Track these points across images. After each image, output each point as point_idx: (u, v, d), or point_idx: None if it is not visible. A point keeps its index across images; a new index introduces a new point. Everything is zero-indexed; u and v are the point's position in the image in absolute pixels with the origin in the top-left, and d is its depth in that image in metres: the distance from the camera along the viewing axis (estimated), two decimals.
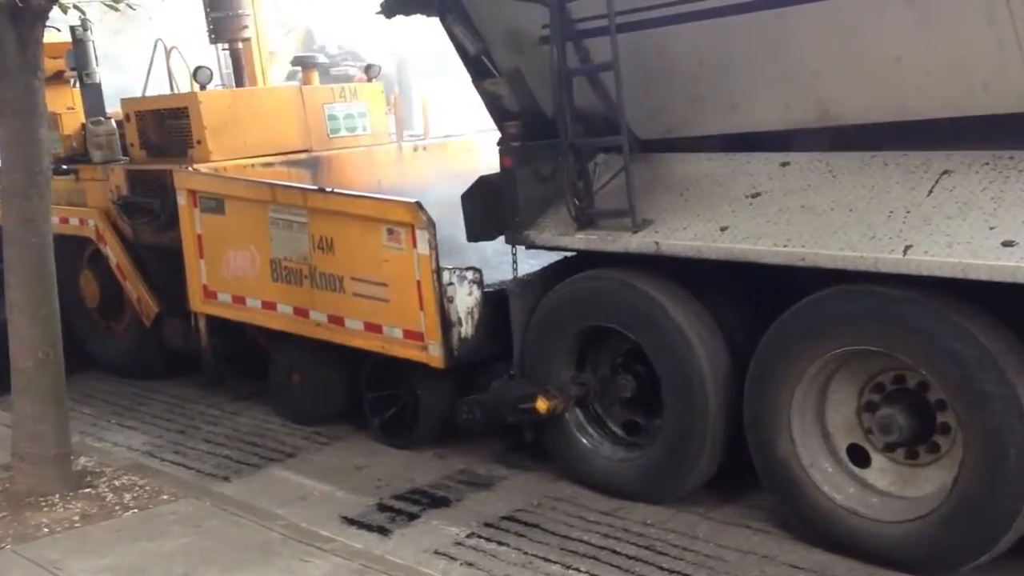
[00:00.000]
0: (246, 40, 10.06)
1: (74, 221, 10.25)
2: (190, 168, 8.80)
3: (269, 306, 8.30)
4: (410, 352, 7.30)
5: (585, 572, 5.85)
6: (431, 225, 6.96)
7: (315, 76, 10.27)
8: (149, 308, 9.63)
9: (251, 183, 8.45)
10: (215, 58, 12.71)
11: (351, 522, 6.70)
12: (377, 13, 7.78)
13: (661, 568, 5.83)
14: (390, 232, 7.21)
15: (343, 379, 8.34)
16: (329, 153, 9.60)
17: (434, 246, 6.96)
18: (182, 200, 8.77)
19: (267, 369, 8.94)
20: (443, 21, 7.31)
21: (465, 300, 7.08)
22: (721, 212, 6.11)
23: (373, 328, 7.50)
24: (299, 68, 12.62)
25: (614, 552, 6.01)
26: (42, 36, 6.95)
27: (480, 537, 6.35)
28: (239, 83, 10.02)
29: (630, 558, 5.94)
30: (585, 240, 6.61)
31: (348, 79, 11.43)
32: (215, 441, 8.52)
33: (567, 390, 6.72)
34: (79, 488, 7.13)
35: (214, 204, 8.55)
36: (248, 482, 7.57)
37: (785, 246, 5.64)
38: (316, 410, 8.51)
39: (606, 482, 6.76)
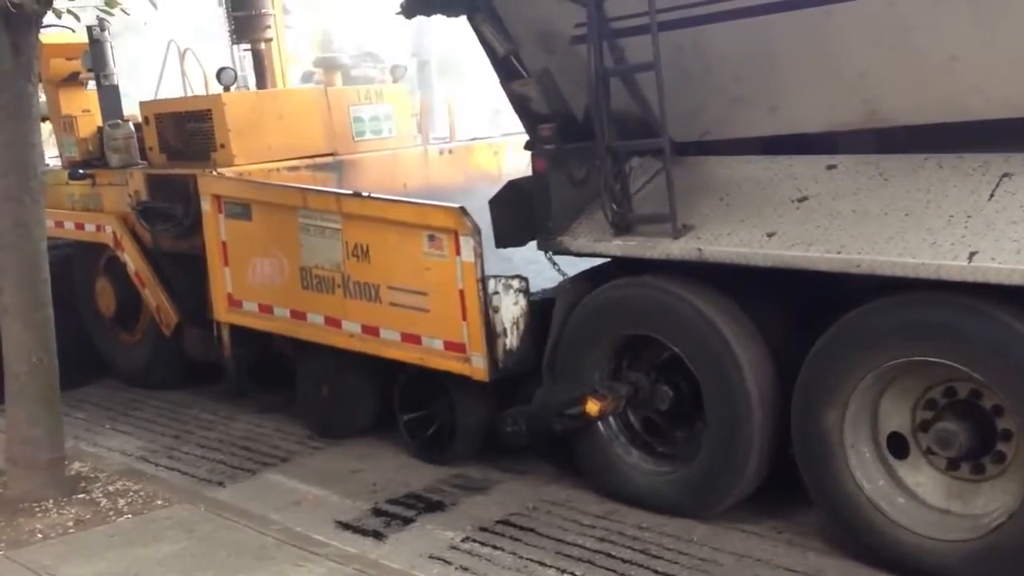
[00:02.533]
0: (268, 40, 9.85)
1: (90, 227, 10.13)
2: (214, 172, 8.61)
3: (298, 316, 8.11)
4: (451, 364, 7.10)
5: None
6: (476, 231, 6.77)
7: (338, 77, 10.09)
8: (169, 317, 9.46)
9: (280, 188, 8.27)
10: (223, 60, 12.66)
11: (345, 526, 6.69)
12: (397, 14, 7.63)
13: (656, 572, 5.81)
14: (431, 239, 7.01)
15: (374, 392, 8.15)
16: (354, 156, 9.44)
17: (479, 253, 6.77)
18: (206, 205, 8.59)
19: (292, 380, 8.75)
20: (471, 21, 7.14)
21: (511, 309, 6.88)
22: (767, 217, 5.92)
23: (411, 339, 7.32)
24: (314, 70, 12.53)
25: (609, 556, 6.01)
26: (36, 41, 7.00)
27: (475, 541, 6.34)
28: (261, 85, 9.82)
29: (625, 562, 5.93)
30: (623, 246, 6.41)
31: (368, 81, 11.24)
32: (209, 446, 8.52)
33: (617, 390, 6.50)
34: (73, 493, 7.16)
35: (240, 209, 8.36)
36: (242, 487, 7.57)
37: (839, 253, 5.44)
38: (346, 424, 8.32)
39: (643, 497, 6.57)
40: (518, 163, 10.13)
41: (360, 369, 8.04)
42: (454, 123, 10.38)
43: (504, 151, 10.31)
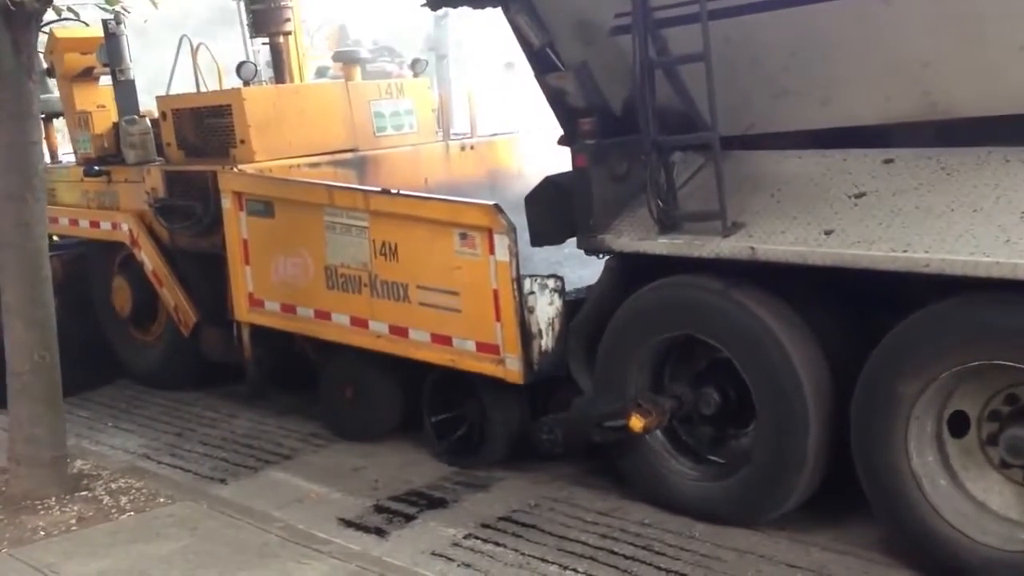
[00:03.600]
0: (288, 34, 9.59)
1: (106, 225, 9.90)
2: (235, 169, 8.35)
3: (323, 316, 7.86)
4: (483, 366, 6.86)
5: (583, 572, 5.80)
6: (511, 229, 6.52)
7: (357, 72, 9.83)
8: (187, 316, 9.23)
9: (306, 184, 8.01)
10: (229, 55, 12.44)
11: (348, 524, 6.66)
12: (423, 6, 7.41)
13: (659, 568, 5.78)
14: (463, 237, 6.77)
15: (400, 393, 7.92)
16: (376, 152, 9.18)
17: (514, 252, 6.53)
18: (227, 203, 8.35)
19: (312, 382, 8.53)
20: (506, 12, 6.88)
21: (546, 310, 6.65)
22: (823, 214, 5.66)
23: (441, 340, 7.07)
24: (328, 65, 12.29)
25: (612, 552, 5.98)
26: (36, 38, 6.98)
27: (477, 538, 6.32)
28: (280, 79, 9.57)
29: (627, 558, 5.89)
30: (669, 245, 6.14)
31: (385, 76, 10.99)
32: (212, 444, 8.47)
33: (661, 404, 6.24)
34: (75, 491, 7.14)
35: (263, 207, 8.11)
36: (245, 484, 7.54)
37: (904, 251, 5.17)
38: (371, 425, 8.07)
39: (692, 506, 6.31)
40: (539, 158, 10.02)
41: (385, 370, 7.81)
42: (475, 118, 10.11)
43: (525, 147, 10.04)
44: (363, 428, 8.12)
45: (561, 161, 9.83)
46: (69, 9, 7.47)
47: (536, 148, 9.97)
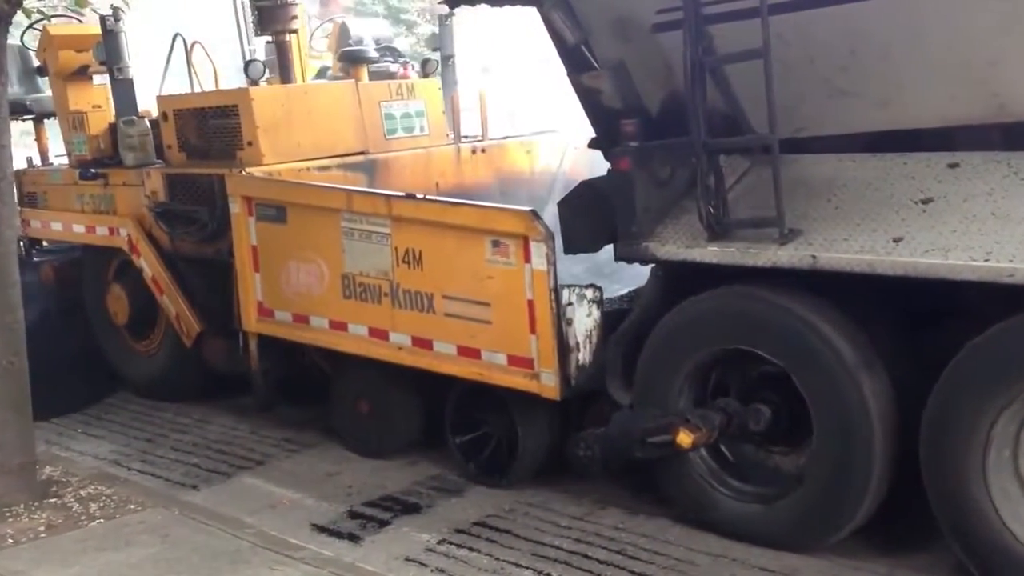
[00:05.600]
0: (294, 32, 9.21)
1: (102, 230, 9.49)
2: (243, 172, 7.98)
3: (338, 326, 7.48)
4: (515, 380, 6.51)
5: None
6: (549, 237, 6.18)
7: (365, 72, 9.47)
8: (191, 326, 8.84)
9: (322, 188, 7.63)
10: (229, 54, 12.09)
11: (321, 530, 6.63)
12: (440, 3, 7.09)
13: (632, 572, 5.80)
14: (496, 244, 6.41)
15: (419, 408, 7.57)
16: (386, 155, 8.81)
17: (552, 261, 6.17)
18: (235, 208, 7.95)
19: (322, 394, 8.17)
20: (540, 8, 6.54)
21: (584, 322, 6.29)
22: (888, 220, 5.35)
23: (469, 353, 6.71)
24: (328, 65, 11.93)
25: (585, 557, 5.99)
26: (5, 41, 6.91)
27: (451, 543, 6.30)
28: (286, 79, 9.19)
29: (601, 563, 5.91)
30: (720, 253, 5.81)
31: (389, 76, 10.61)
32: (183, 449, 8.40)
33: (710, 419, 5.90)
34: (44, 498, 7.11)
35: (274, 212, 7.73)
36: (217, 490, 7.48)
37: (986, 260, 4.87)
38: (388, 442, 7.71)
39: (739, 528, 5.99)
40: (550, 162, 9.75)
41: (403, 383, 7.46)
42: (486, 120, 9.77)
43: (537, 150, 9.73)
44: (378, 444, 7.76)
45: (565, 164, 9.78)
46: (39, 11, 7.40)
47: (549, 151, 9.75)
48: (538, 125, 10.09)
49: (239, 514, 6.83)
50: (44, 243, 10.80)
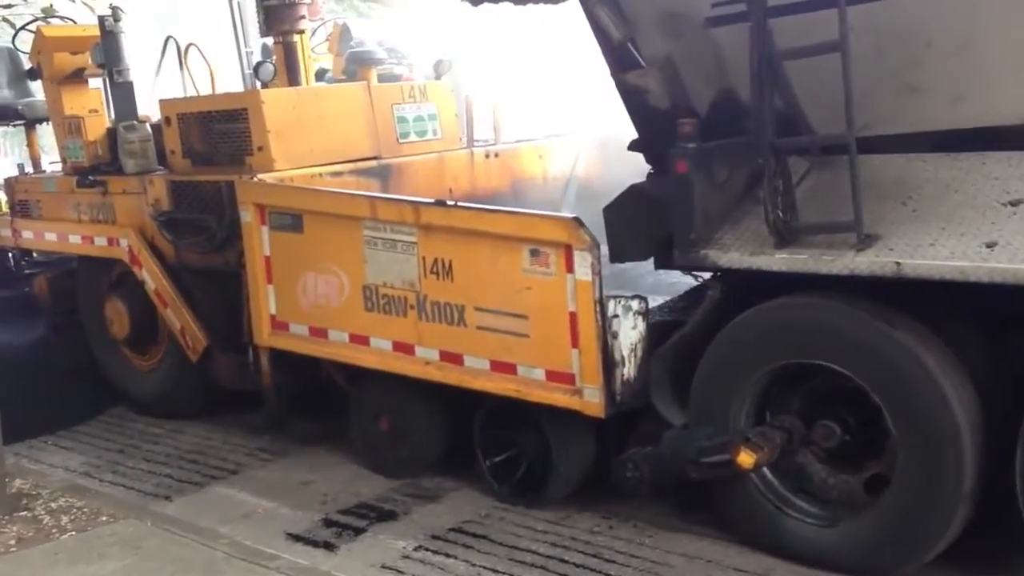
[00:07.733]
0: (301, 32, 8.79)
1: (101, 240, 9.03)
2: (256, 178, 7.55)
3: (359, 340, 7.05)
4: (555, 397, 6.10)
5: None
6: (595, 246, 5.77)
7: (373, 74, 9.05)
8: (196, 340, 8.39)
9: (345, 195, 7.20)
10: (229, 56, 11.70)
11: (296, 538, 6.56)
12: (462, 1, 6.74)
13: (608, 575, 5.78)
14: (535, 253, 6.00)
15: (443, 425, 7.16)
16: (399, 160, 8.42)
17: (597, 271, 5.77)
18: (247, 216, 7.50)
19: (339, 411, 7.77)
20: (584, 3, 6.18)
21: (629, 335, 5.90)
22: (977, 224, 4.98)
23: (503, 368, 6.30)
24: (328, 67, 11.53)
25: (562, 561, 5.98)
26: None
27: (427, 550, 6.26)
28: (293, 81, 8.76)
29: (577, 566, 5.90)
30: (789, 260, 5.40)
31: (395, 78, 10.21)
32: (155, 460, 8.26)
33: (771, 437, 5.52)
34: (14, 511, 7.04)
35: (289, 220, 7.29)
36: (190, 501, 7.39)
37: None
38: (410, 461, 7.29)
39: (809, 552, 5.60)
40: (563, 166, 9.40)
41: (427, 399, 7.05)
42: (499, 123, 9.38)
43: (551, 154, 9.40)
44: (400, 463, 7.34)
45: (579, 168, 9.44)
46: (5, 20, 7.09)
47: (562, 155, 9.41)
48: (532, 128, 9.74)
49: (213, 524, 6.77)
50: (33, 254, 10.36)
